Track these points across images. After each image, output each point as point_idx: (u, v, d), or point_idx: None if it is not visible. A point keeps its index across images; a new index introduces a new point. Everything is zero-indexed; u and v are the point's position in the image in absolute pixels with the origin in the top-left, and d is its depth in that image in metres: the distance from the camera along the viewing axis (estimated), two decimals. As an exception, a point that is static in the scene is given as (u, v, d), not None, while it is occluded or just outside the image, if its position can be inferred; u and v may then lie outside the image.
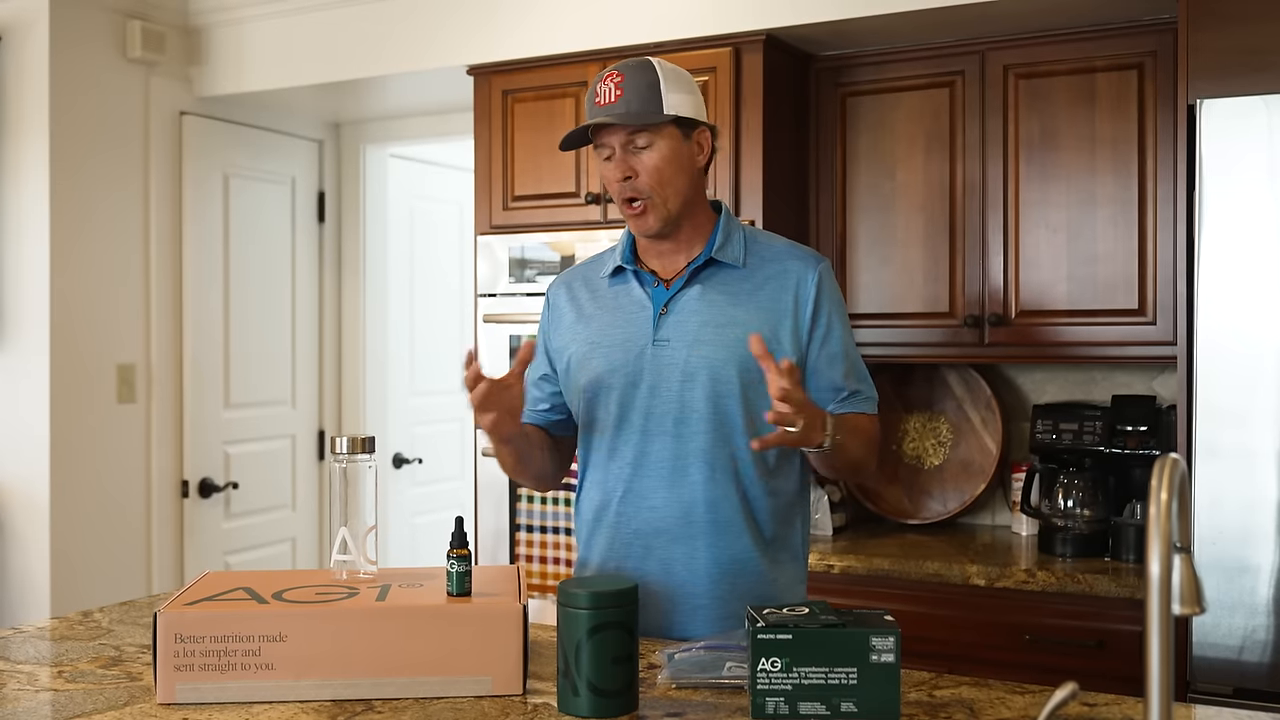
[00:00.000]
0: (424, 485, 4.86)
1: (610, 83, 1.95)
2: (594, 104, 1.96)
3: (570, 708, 1.56)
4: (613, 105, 1.93)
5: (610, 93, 1.94)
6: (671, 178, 1.97)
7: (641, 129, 1.95)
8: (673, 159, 1.97)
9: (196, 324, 4.14)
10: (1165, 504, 1.17)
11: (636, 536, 1.99)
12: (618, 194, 1.98)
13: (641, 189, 1.96)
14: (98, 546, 3.85)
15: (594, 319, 2.05)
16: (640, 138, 1.95)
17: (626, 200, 1.97)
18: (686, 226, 2.02)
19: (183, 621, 1.63)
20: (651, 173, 1.95)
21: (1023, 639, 2.85)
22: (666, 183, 1.96)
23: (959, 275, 3.23)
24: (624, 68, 1.96)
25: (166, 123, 4.07)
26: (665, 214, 1.97)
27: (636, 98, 1.93)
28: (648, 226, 1.98)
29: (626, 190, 1.96)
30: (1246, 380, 2.52)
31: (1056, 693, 1.21)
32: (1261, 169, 2.51)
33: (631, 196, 1.96)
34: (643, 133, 1.95)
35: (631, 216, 1.98)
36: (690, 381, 1.95)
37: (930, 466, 3.52)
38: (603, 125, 1.95)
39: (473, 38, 3.61)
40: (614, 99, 1.94)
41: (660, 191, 1.96)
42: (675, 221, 1.99)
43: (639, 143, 1.95)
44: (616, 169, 1.97)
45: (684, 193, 1.99)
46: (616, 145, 1.96)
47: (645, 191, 1.96)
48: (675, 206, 1.98)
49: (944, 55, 3.25)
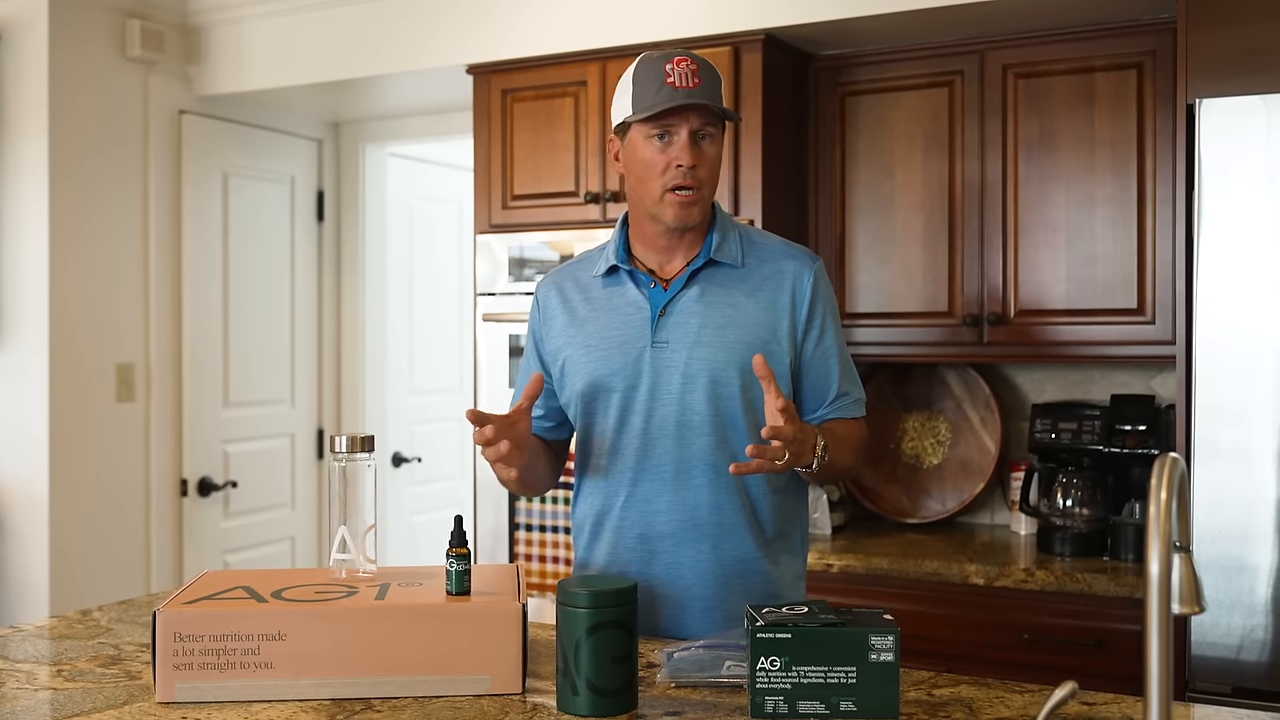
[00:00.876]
0: (423, 484, 4.86)
1: (684, 67, 1.89)
2: (664, 83, 1.89)
3: (569, 706, 1.56)
4: (694, 90, 1.89)
5: (688, 77, 1.89)
6: (718, 176, 1.98)
7: (715, 120, 1.93)
8: (721, 159, 1.98)
9: (196, 323, 4.14)
10: (1165, 503, 1.17)
11: (641, 541, 1.98)
12: (669, 180, 1.91)
13: (700, 179, 1.93)
14: (97, 545, 3.85)
15: (588, 321, 2.02)
16: (710, 128, 1.93)
17: (678, 187, 1.92)
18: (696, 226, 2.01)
19: (182, 620, 1.63)
20: (711, 165, 1.94)
21: (1022, 638, 2.85)
22: (716, 179, 1.97)
23: (958, 275, 3.23)
24: (692, 56, 1.92)
25: (166, 122, 4.07)
26: (705, 208, 1.97)
27: (711, 88, 1.91)
28: (692, 217, 1.94)
29: (686, 177, 1.91)
30: (1245, 379, 2.53)
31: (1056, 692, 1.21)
32: (1260, 168, 2.51)
33: (688, 184, 1.92)
34: (714, 125, 1.93)
35: (680, 204, 1.92)
36: (691, 384, 1.94)
37: (929, 466, 3.53)
38: (682, 107, 1.89)
39: (472, 37, 3.61)
40: (693, 84, 1.89)
41: (710, 185, 1.96)
42: (705, 217, 1.98)
43: (708, 132, 1.93)
44: (683, 154, 1.90)
45: (714, 194, 2.00)
46: (686, 130, 1.90)
47: (700, 182, 1.93)
48: (710, 205, 1.98)
49: (943, 55, 3.25)
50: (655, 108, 1.89)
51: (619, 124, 1.98)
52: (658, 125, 1.91)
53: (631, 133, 1.95)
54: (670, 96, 1.88)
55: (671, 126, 1.91)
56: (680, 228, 1.96)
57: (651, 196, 1.94)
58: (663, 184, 1.92)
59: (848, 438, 1.99)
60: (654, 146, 1.92)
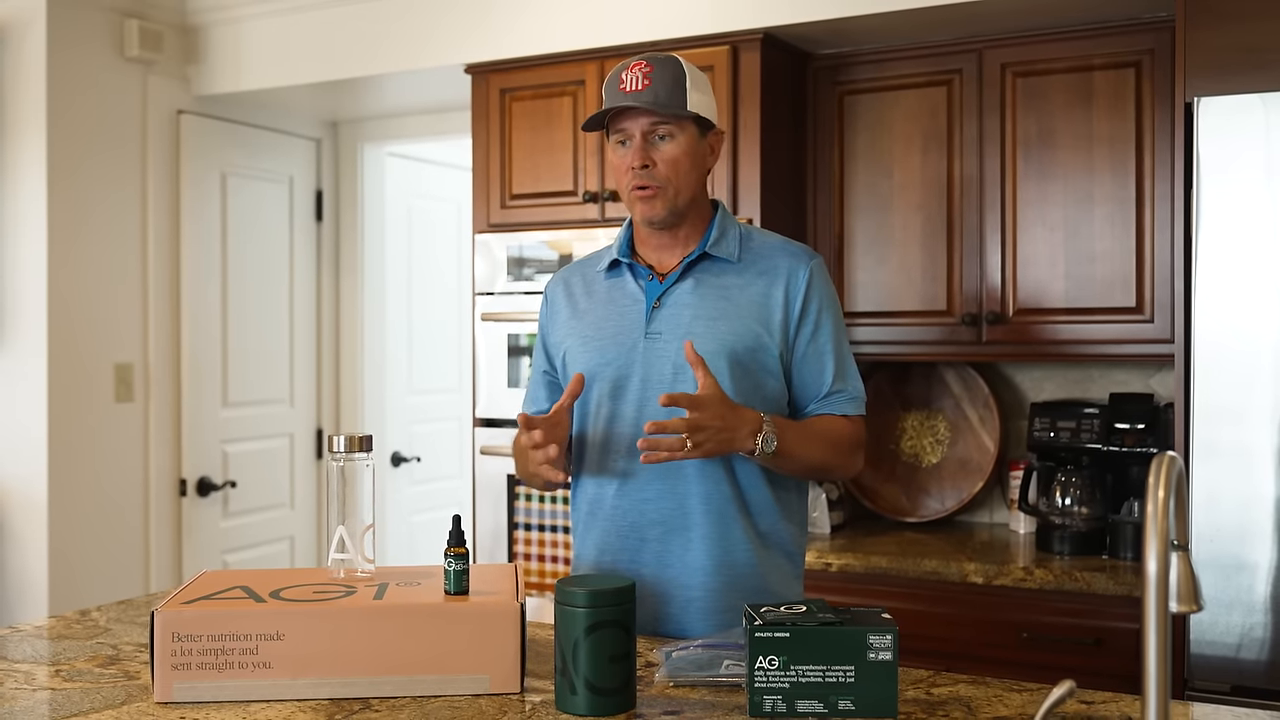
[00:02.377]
0: (422, 484, 4.86)
1: (638, 71, 1.96)
2: (618, 90, 1.96)
3: (568, 706, 1.56)
4: (640, 93, 1.94)
5: (637, 80, 1.95)
6: (686, 172, 1.99)
7: (666, 120, 1.96)
8: (689, 154, 1.99)
9: (194, 323, 4.14)
10: (1163, 502, 1.17)
11: (632, 529, 2.00)
12: (629, 181, 1.98)
13: (656, 178, 1.97)
14: (96, 545, 3.85)
15: (588, 313, 2.07)
16: (663, 128, 1.97)
17: (637, 186, 1.98)
18: (687, 222, 2.03)
19: (180, 620, 1.63)
20: (669, 164, 1.97)
21: (1020, 637, 2.85)
22: (681, 175, 1.98)
23: (957, 273, 3.23)
24: (652, 59, 1.97)
25: (164, 122, 4.07)
26: (673, 205, 1.99)
27: (664, 89, 1.95)
28: (654, 212, 1.98)
29: (641, 178, 1.97)
30: (1244, 378, 2.53)
31: (1054, 690, 1.21)
32: (1259, 167, 2.51)
33: (644, 184, 1.97)
34: (666, 124, 1.97)
35: (641, 200, 1.98)
36: (681, 374, 1.95)
37: (928, 464, 3.53)
38: (625, 111, 1.96)
39: (470, 36, 3.61)
40: (641, 87, 1.94)
41: (674, 183, 1.98)
42: (680, 214, 2.01)
43: (661, 133, 1.97)
44: (635, 156, 1.97)
45: (692, 189, 2.01)
46: (637, 133, 1.97)
47: (659, 181, 1.97)
48: (684, 200, 2.00)
49: (941, 54, 3.25)
50: (598, 115, 1.99)
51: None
52: (616, 130, 2.01)
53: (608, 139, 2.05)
54: (615, 101, 1.96)
55: (625, 130, 1.99)
56: (647, 223, 2.02)
57: (625, 198, 2.03)
58: (626, 184, 2.00)
59: (822, 433, 1.99)
60: (619, 151, 2.01)
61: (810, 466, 1.99)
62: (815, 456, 1.98)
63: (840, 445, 2.02)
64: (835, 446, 2.01)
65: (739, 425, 1.84)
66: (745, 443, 1.86)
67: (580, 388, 1.95)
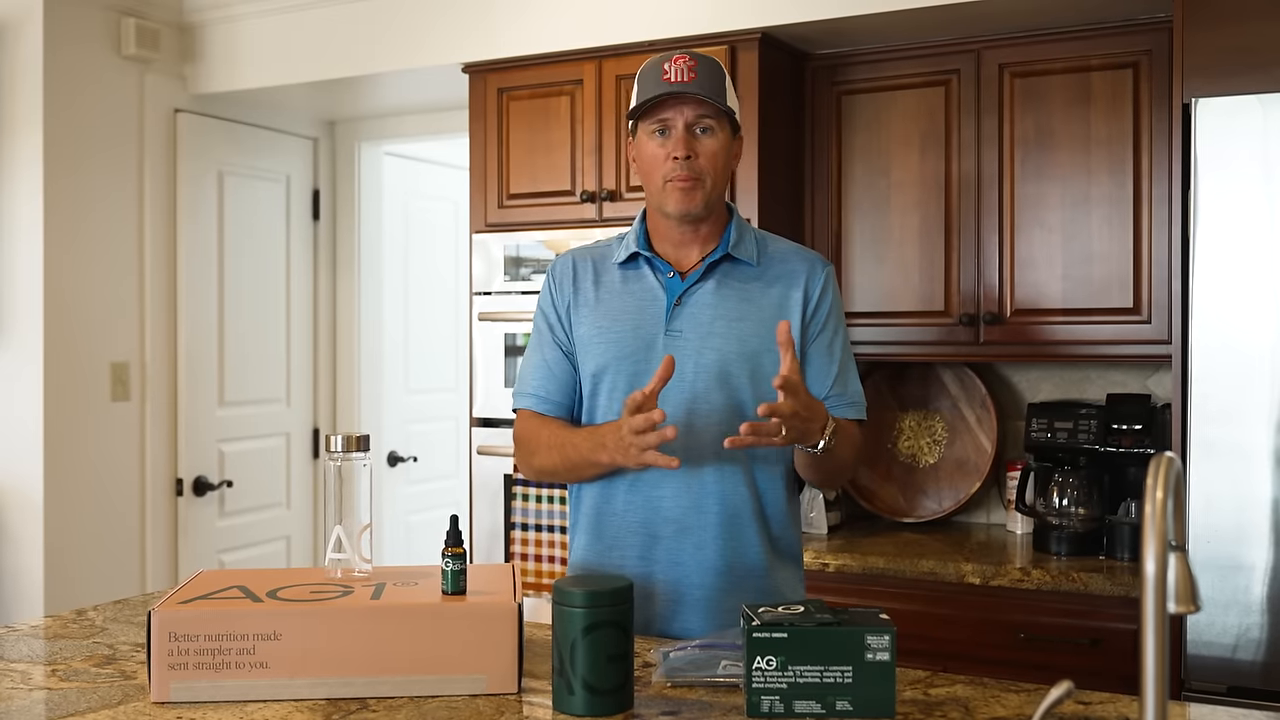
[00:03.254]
0: (419, 483, 4.86)
1: (681, 64, 1.95)
2: (660, 80, 1.95)
3: (565, 706, 1.55)
4: (686, 84, 1.94)
5: (683, 72, 1.94)
6: (722, 168, 2.00)
7: (709, 114, 1.96)
8: (724, 151, 2.00)
9: (191, 322, 4.14)
10: (1161, 502, 1.17)
11: (643, 527, 1.98)
12: (668, 171, 1.96)
13: (698, 170, 1.96)
14: (92, 545, 3.84)
15: (602, 303, 2.04)
16: (706, 120, 1.96)
17: (679, 177, 1.96)
18: (710, 221, 2.03)
19: (177, 620, 1.62)
20: (710, 157, 1.97)
21: (1018, 637, 2.85)
22: (718, 170, 1.99)
23: (954, 274, 3.23)
24: (694, 54, 1.98)
25: (161, 120, 4.06)
26: (709, 199, 1.99)
27: (709, 83, 1.95)
28: (693, 204, 1.97)
29: (685, 168, 1.95)
30: (1241, 379, 2.53)
31: (1051, 691, 1.21)
32: (1256, 168, 2.52)
33: (686, 174, 1.96)
34: (710, 117, 1.97)
35: (679, 190, 1.96)
36: (703, 372, 1.95)
37: (925, 465, 3.53)
38: (667, 100, 1.95)
39: (468, 35, 3.60)
40: (688, 78, 1.94)
41: (713, 176, 1.98)
42: (711, 209, 2.01)
43: (705, 124, 1.97)
44: (679, 145, 1.95)
45: (721, 187, 2.02)
46: (680, 123, 1.96)
47: (699, 173, 1.97)
48: (715, 196, 2.01)
49: (939, 54, 3.25)
50: (647, 101, 1.96)
51: (631, 124, 2.05)
52: (656, 120, 1.98)
53: (638, 130, 2.02)
54: (661, 90, 1.95)
55: (668, 120, 1.97)
56: (682, 216, 1.99)
57: (656, 188, 2.00)
58: (663, 175, 1.97)
59: (851, 434, 2.00)
60: (655, 141, 1.98)
61: (841, 467, 2.00)
62: (848, 458, 1.99)
63: (858, 449, 2.04)
64: (856, 450, 2.03)
65: (816, 417, 1.84)
66: (815, 436, 1.85)
67: (671, 370, 1.82)
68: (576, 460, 1.97)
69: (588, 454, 1.94)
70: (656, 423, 1.78)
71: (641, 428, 1.79)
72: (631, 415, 1.80)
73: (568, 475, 2.04)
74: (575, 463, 1.98)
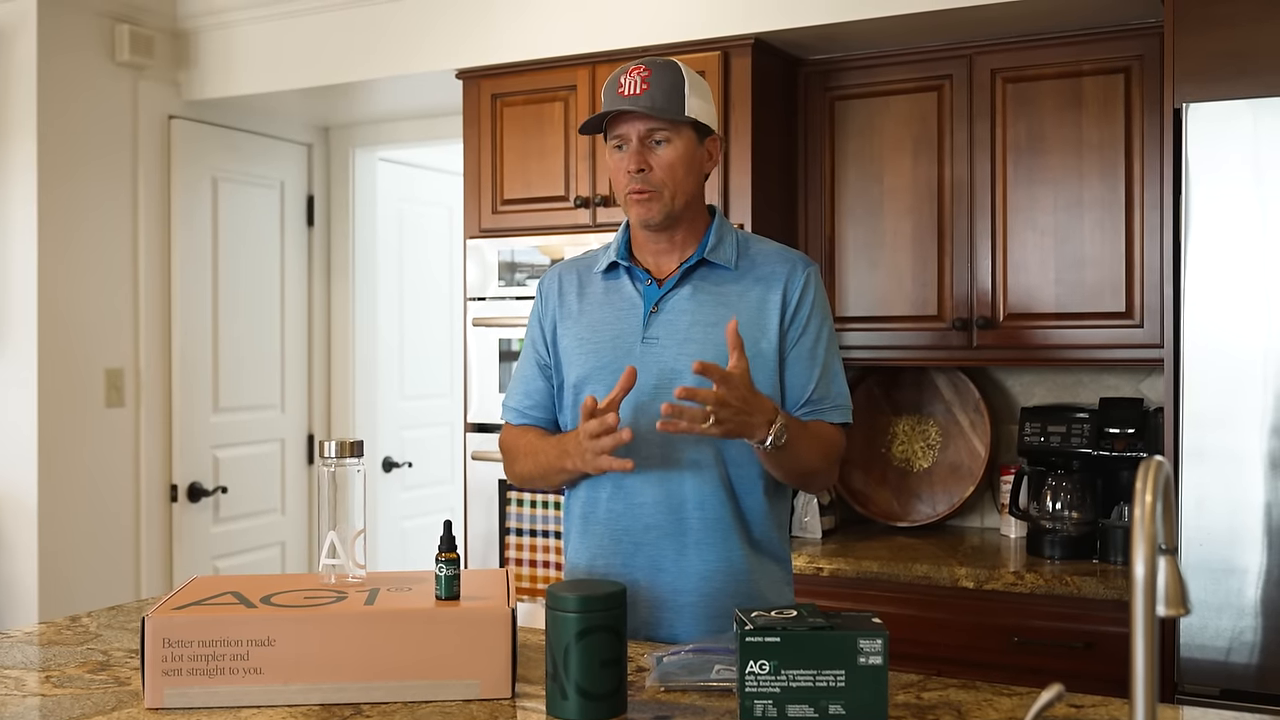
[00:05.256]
0: (413, 489, 4.86)
1: (636, 75, 1.96)
2: (615, 94, 1.97)
3: (559, 711, 1.56)
4: (637, 98, 1.95)
5: (635, 85, 1.96)
6: (683, 177, 2.00)
7: (662, 125, 1.97)
8: (686, 159, 2.00)
9: (185, 328, 4.14)
10: (1150, 506, 1.18)
11: (626, 534, 1.99)
12: (625, 184, 1.99)
13: (653, 182, 1.98)
14: (86, 551, 3.84)
15: (584, 315, 2.06)
16: (660, 133, 1.98)
17: (634, 190, 1.98)
18: (684, 227, 2.04)
19: (171, 626, 1.62)
20: (666, 168, 1.98)
21: (1011, 641, 2.86)
22: (678, 180, 1.99)
23: (947, 278, 3.24)
24: (651, 64, 1.98)
25: (155, 127, 4.06)
26: (669, 209, 1.99)
27: (661, 94, 1.96)
28: (650, 214, 1.99)
29: (637, 181, 1.97)
30: (1233, 383, 2.53)
31: (1043, 694, 1.21)
32: (1247, 172, 2.52)
33: (640, 188, 1.98)
34: (663, 129, 1.97)
35: (637, 202, 1.99)
36: (677, 380, 1.95)
37: (919, 469, 3.53)
38: (622, 115, 1.97)
39: (462, 42, 3.61)
40: (639, 91, 1.95)
41: (670, 187, 1.99)
42: (676, 217, 2.01)
43: (657, 137, 1.98)
44: (631, 160, 1.97)
45: (689, 193, 2.02)
46: (634, 137, 1.97)
47: (655, 185, 1.98)
48: (680, 204, 2.01)
49: (932, 59, 3.26)
50: (596, 118, 1.99)
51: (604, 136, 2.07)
52: (613, 135, 2.01)
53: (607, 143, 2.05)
54: (613, 105, 1.97)
55: (622, 134, 2.00)
56: (642, 225, 2.02)
57: (621, 200, 2.03)
58: (624, 187, 2.01)
59: (819, 437, 2.00)
60: (616, 155, 2.02)
61: (804, 470, 1.99)
62: (812, 460, 1.98)
63: (831, 453, 2.02)
64: (825, 454, 2.01)
65: (758, 411, 1.84)
66: (759, 431, 1.85)
67: (633, 380, 1.88)
68: (547, 467, 2.04)
69: (555, 460, 2.01)
70: (611, 426, 1.84)
71: (595, 432, 1.85)
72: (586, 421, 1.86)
73: (543, 481, 2.10)
74: (546, 469, 2.04)
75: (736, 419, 1.82)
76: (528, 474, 2.11)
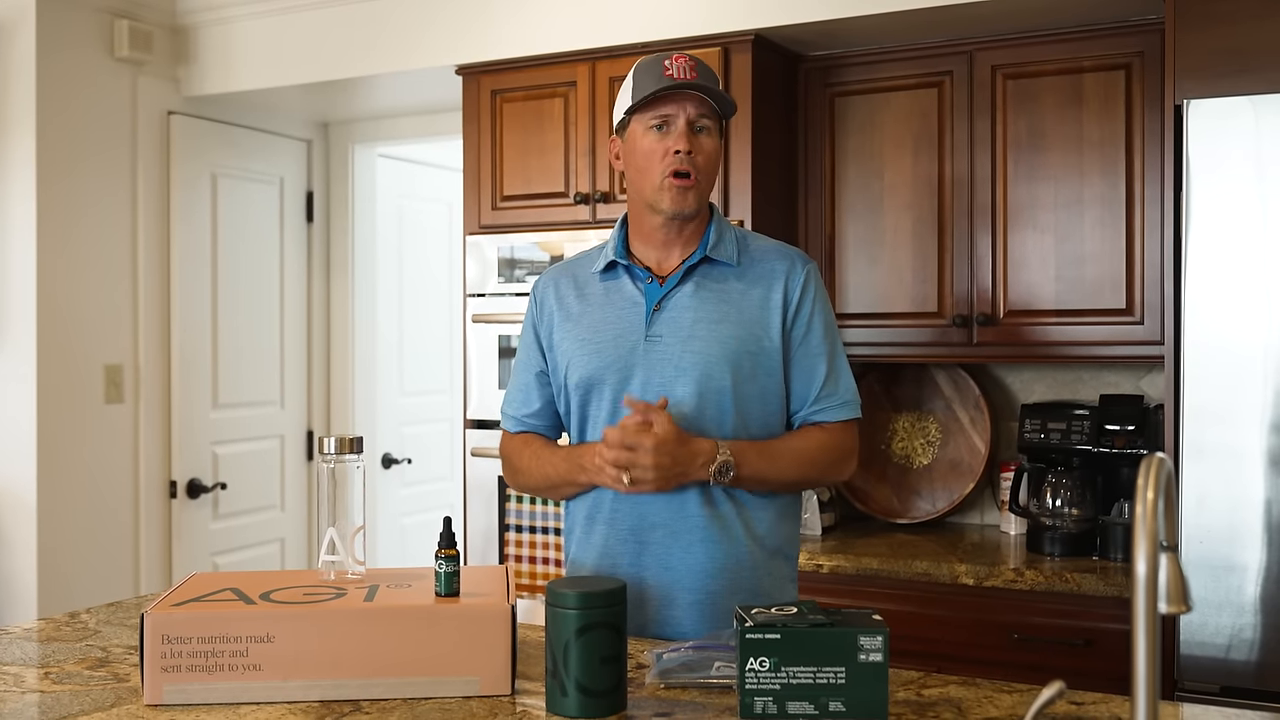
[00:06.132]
0: (413, 485, 4.86)
1: (682, 61, 1.95)
2: (663, 75, 1.94)
3: (558, 708, 1.55)
4: (691, 81, 1.94)
5: (685, 70, 1.94)
6: (715, 168, 2.01)
7: (708, 113, 1.97)
8: (719, 152, 2.01)
9: (184, 324, 4.13)
10: (1151, 503, 1.18)
11: (632, 534, 1.99)
12: (665, 167, 1.95)
13: (698, 166, 1.96)
14: (85, 547, 3.84)
15: (584, 316, 2.05)
16: (705, 120, 1.97)
17: (676, 173, 1.95)
18: (695, 221, 2.03)
19: (170, 622, 1.62)
20: (708, 156, 1.98)
21: (1011, 638, 2.85)
22: (713, 170, 2.00)
23: (947, 275, 3.24)
24: (691, 56, 1.98)
25: (154, 122, 4.06)
26: (702, 199, 2.00)
27: (710, 83, 1.96)
28: (688, 204, 1.97)
29: (684, 163, 1.95)
30: (1233, 379, 2.53)
31: (1043, 691, 1.21)
32: (1248, 169, 2.52)
33: (686, 170, 1.95)
34: (708, 117, 1.97)
35: (678, 189, 1.96)
36: (683, 377, 1.95)
37: (919, 466, 3.53)
38: (669, 95, 1.94)
39: (462, 37, 3.60)
40: (691, 75, 1.94)
41: (707, 175, 1.99)
42: (701, 209, 2.01)
43: (703, 124, 1.97)
44: (679, 140, 1.95)
45: (712, 188, 2.02)
46: (682, 119, 1.95)
47: (698, 169, 1.97)
48: (706, 197, 2.01)
49: (932, 55, 3.25)
50: (653, 93, 1.94)
51: (619, 121, 2.03)
52: (656, 115, 1.96)
53: (632, 126, 2.01)
54: (661, 85, 1.94)
55: (669, 116, 1.96)
56: (676, 215, 1.99)
57: (651, 185, 1.98)
58: (662, 171, 1.96)
59: (795, 450, 2.00)
60: (653, 136, 1.97)
61: (785, 484, 2.00)
62: (788, 475, 1.99)
63: (818, 459, 2.01)
64: (811, 462, 2.01)
65: (690, 459, 1.88)
66: (698, 474, 1.89)
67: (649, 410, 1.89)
68: (556, 479, 2.05)
69: (566, 474, 2.02)
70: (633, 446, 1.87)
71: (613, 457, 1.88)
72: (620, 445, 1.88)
73: (551, 493, 2.12)
74: (555, 482, 2.05)
75: (668, 473, 1.87)
76: (533, 486, 2.11)
